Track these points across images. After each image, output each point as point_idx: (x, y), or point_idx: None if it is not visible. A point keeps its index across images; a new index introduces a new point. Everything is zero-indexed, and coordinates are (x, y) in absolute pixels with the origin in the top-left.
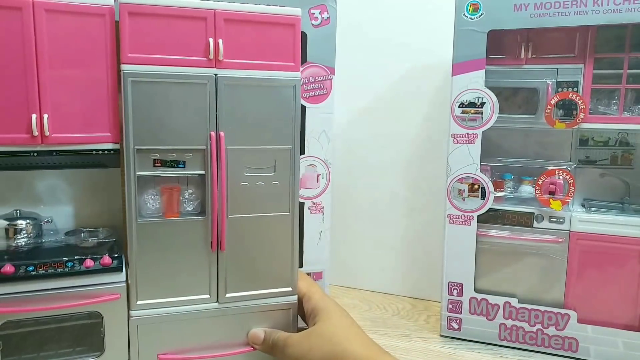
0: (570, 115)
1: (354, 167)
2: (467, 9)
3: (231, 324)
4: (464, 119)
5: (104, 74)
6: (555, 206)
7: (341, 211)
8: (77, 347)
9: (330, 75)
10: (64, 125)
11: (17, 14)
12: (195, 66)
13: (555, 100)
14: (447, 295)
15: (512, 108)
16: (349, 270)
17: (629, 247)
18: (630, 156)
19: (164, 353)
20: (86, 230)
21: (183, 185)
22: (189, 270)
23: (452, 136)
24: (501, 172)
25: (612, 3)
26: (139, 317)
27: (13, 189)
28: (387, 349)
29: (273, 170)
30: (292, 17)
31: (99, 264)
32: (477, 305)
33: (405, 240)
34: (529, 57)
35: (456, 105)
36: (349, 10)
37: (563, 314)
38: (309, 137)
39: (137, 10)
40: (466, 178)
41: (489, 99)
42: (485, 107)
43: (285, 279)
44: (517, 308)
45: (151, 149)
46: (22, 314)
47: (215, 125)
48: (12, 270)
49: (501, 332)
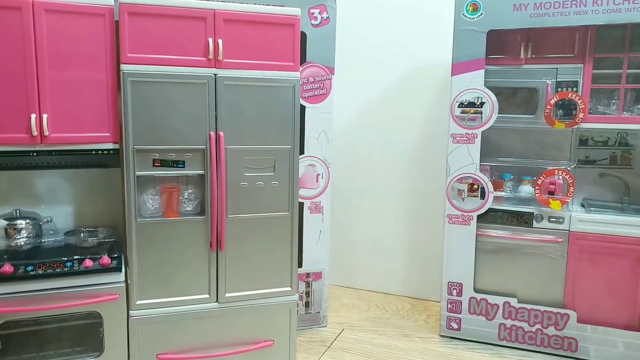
0: (570, 115)
1: (353, 167)
2: (466, 9)
3: (231, 323)
4: (463, 118)
5: (103, 74)
6: (555, 206)
7: (341, 211)
8: (76, 347)
9: (330, 75)
10: (64, 125)
11: (17, 14)
12: (195, 66)
13: (554, 100)
14: (446, 295)
15: (512, 108)
16: (349, 270)
17: (628, 247)
18: (629, 156)
19: (163, 353)
20: (86, 230)
21: (182, 185)
22: (188, 270)
23: (452, 136)
24: (501, 172)
25: (611, 3)
26: (138, 317)
27: (13, 189)
28: (387, 348)
29: (272, 170)
30: (292, 17)
31: (99, 264)
32: (477, 305)
33: (405, 240)
34: (528, 57)
35: (456, 105)
36: (349, 10)
37: (562, 313)
38: (308, 137)
39: (137, 10)
40: (466, 178)
41: (489, 99)
42: (484, 107)
43: (285, 278)
44: (516, 308)
45: (151, 149)
46: (22, 313)
47: (215, 125)
48: (11, 270)
49: (500, 332)
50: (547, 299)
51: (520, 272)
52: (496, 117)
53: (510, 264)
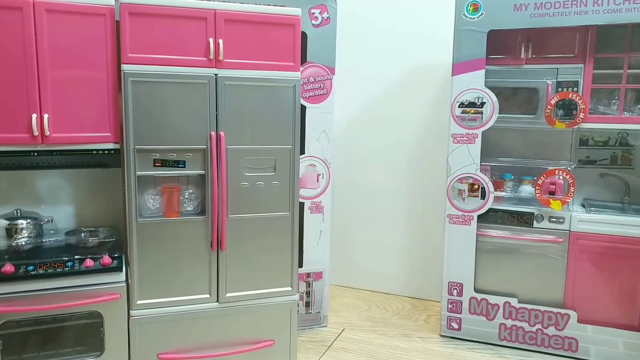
0: (570, 115)
1: (354, 166)
2: (467, 9)
3: (231, 323)
4: (464, 118)
5: (104, 74)
6: (555, 206)
7: (341, 211)
8: (77, 347)
9: (330, 75)
10: (64, 125)
11: (18, 14)
12: (196, 66)
13: (555, 100)
14: (447, 295)
15: (512, 108)
16: (349, 270)
17: (629, 247)
18: (630, 156)
19: (164, 353)
20: (86, 230)
21: (183, 185)
22: (189, 270)
23: (452, 136)
24: (501, 171)
25: (612, 3)
26: (139, 317)
27: (13, 189)
28: (388, 348)
29: (273, 170)
30: (292, 17)
31: (99, 264)
32: (477, 305)
33: (406, 240)
34: (529, 57)
35: (456, 105)
36: (350, 10)
37: (563, 313)
38: (309, 137)
39: (137, 10)
40: (466, 178)
41: (489, 99)
42: (485, 107)
43: (285, 278)
44: (517, 308)
45: (151, 149)
46: (22, 313)
47: (216, 125)
48: (12, 270)
49: (501, 332)
50: (547, 299)
51: (521, 272)
52: (497, 117)
53: (510, 264)
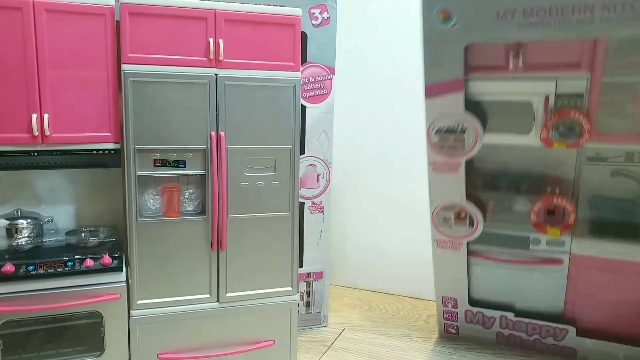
0: (573, 134)
1: (354, 167)
2: (436, 17)
3: (232, 323)
4: (442, 146)
5: (104, 74)
6: (553, 234)
7: (341, 211)
8: (77, 347)
9: (331, 75)
10: (65, 125)
11: (18, 14)
12: (196, 66)
13: (553, 121)
14: (442, 306)
15: (502, 126)
16: (350, 270)
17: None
18: None
19: (164, 352)
20: (87, 230)
21: (183, 185)
22: (189, 270)
23: (431, 164)
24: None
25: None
26: (139, 317)
27: (14, 189)
28: (388, 348)
29: (273, 170)
30: (292, 17)
31: (99, 264)
32: (473, 316)
33: (405, 240)
34: (520, 66)
35: (432, 132)
36: (350, 10)
37: (561, 328)
38: (309, 137)
39: (137, 10)
40: (452, 207)
41: (472, 124)
42: (467, 133)
43: (286, 278)
44: (513, 321)
45: (151, 149)
46: (23, 313)
47: (216, 125)
48: (12, 270)
49: (498, 338)
50: (545, 312)
51: (518, 286)
52: (482, 144)
53: (507, 279)
